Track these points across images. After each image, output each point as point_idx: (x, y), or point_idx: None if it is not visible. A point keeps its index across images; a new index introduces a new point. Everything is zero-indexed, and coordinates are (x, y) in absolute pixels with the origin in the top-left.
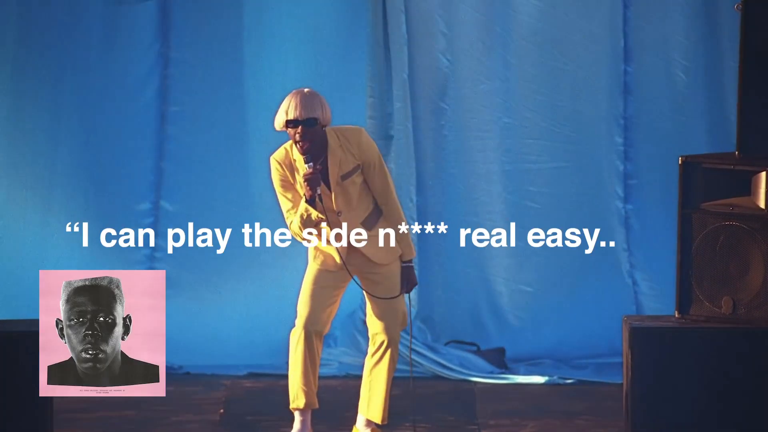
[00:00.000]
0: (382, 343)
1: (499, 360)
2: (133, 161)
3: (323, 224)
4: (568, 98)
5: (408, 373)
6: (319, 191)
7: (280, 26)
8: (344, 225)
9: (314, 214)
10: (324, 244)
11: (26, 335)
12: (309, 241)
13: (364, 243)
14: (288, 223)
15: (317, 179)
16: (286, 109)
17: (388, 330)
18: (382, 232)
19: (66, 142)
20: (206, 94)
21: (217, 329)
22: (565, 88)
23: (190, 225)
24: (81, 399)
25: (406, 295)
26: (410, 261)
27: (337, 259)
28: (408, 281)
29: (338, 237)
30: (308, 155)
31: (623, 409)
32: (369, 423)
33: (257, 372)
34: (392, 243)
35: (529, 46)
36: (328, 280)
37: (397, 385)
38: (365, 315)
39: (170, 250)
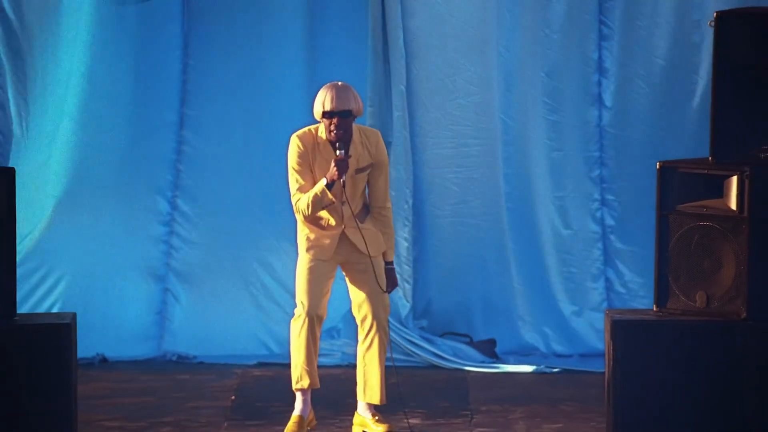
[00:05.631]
0: (371, 327)
1: (490, 350)
2: (153, 162)
3: (325, 209)
4: (553, 108)
5: (403, 362)
6: (344, 177)
7: (289, 48)
8: (345, 212)
9: (329, 196)
10: (321, 228)
11: (54, 327)
12: (309, 215)
13: (354, 233)
14: (294, 200)
15: (346, 165)
16: (323, 101)
17: (375, 314)
18: (370, 227)
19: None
20: (222, 101)
21: (229, 322)
22: (549, 98)
23: (206, 224)
24: (102, 387)
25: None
26: (392, 263)
27: (330, 243)
28: (392, 282)
29: (338, 223)
30: (341, 143)
31: (605, 395)
32: (369, 406)
33: (266, 361)
34: (379, 239)
35: (516, 59)
36: (322, 269)
37: (393, 374)
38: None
39: (186, 249)
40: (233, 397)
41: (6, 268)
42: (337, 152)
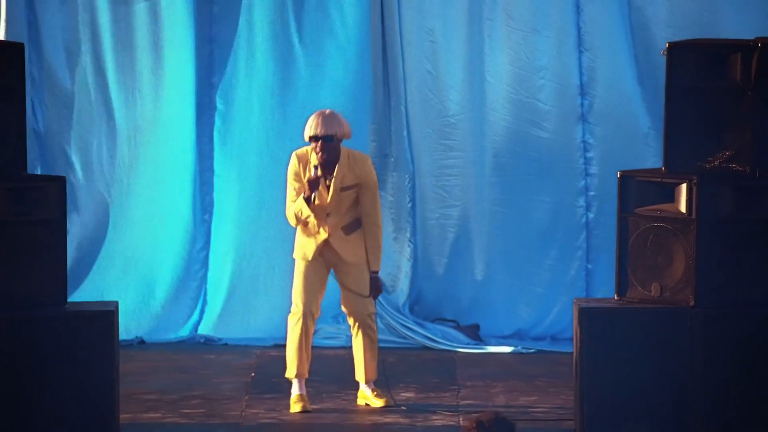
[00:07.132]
0: (354, 322)
1: (475, 334)
2: (189, 153)
3: (310, 218)
4: (538, 126)
5: (399, 344)
6: (314, 195)
7: (307, 76)
8: (330, 223)
9: (306, 211)
10: (308, 234)
11: (99, 314)
12: (298, 222)
13: (337, 242)
14: (287, 208)
15: (317, 184)
16: (310, 126)
17: (357, 313)
18: (355, 239)
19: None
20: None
21: (250, 309)
22: (533, 117)
23: (238, 222)
24: (140, 365)
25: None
26: (376, 272)
27: (314, 248)
28: (376, 289)
29: (322, 230)
30: (317, 166)
31: (573, 372)
32: (368, 384)
33: (281, 343)
34: (361, 249)
35: (502, 84)
36: (313, 272)
37: (392, 353)
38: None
39: (219, 252)
40: (252, 374)
41: (58, 263)
42: (312, 173)
